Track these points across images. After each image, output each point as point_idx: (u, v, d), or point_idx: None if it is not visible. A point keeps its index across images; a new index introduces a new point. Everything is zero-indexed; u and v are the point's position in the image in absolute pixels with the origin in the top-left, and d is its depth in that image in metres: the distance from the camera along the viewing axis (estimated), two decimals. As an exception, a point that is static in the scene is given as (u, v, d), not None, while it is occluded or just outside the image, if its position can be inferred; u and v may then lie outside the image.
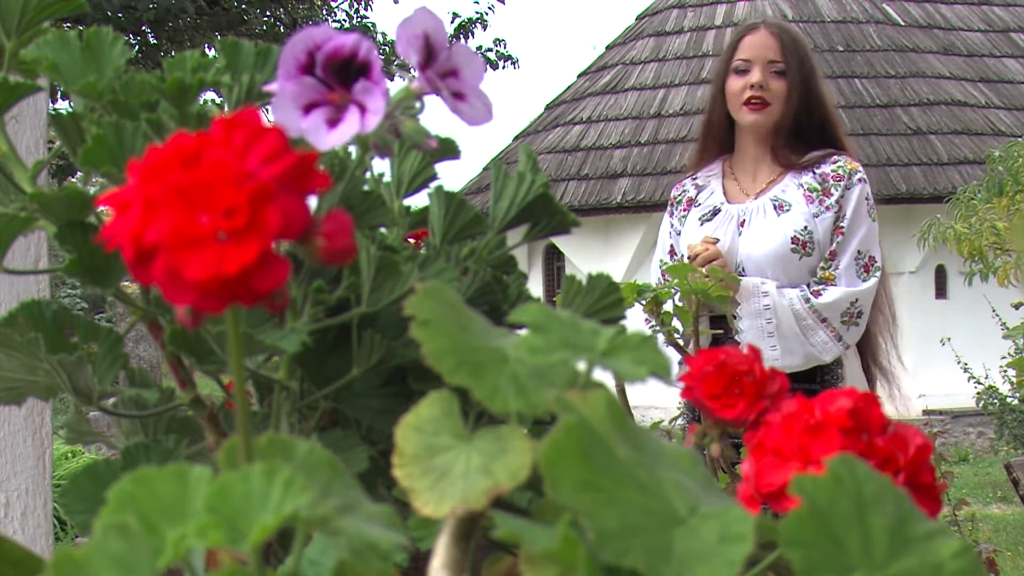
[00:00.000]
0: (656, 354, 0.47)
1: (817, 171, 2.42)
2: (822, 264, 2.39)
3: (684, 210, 2.50)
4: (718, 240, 2.38)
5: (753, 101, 2.39)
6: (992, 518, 7.02)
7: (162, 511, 0.39)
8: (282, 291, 0.43)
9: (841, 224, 2.39)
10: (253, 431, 0.45)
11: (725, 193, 2.48)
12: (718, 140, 2.52)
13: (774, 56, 2.41)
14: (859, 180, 2.42)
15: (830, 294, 2.37)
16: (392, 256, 0.59)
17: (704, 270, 2.21)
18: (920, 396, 10.47)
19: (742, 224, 2.41)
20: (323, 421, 0.63)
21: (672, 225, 2.53)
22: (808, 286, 2.38)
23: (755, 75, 2.39)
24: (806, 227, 2.37)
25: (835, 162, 2.43)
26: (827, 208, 2.39)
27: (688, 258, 2.35)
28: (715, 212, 2.44)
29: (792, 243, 2.37)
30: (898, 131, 11.07)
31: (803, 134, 2.45)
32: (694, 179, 2.53)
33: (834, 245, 2.39)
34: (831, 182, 2.40)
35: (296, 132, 0.54)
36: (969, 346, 9.22)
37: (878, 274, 2.43)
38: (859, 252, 2.41)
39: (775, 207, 2.40)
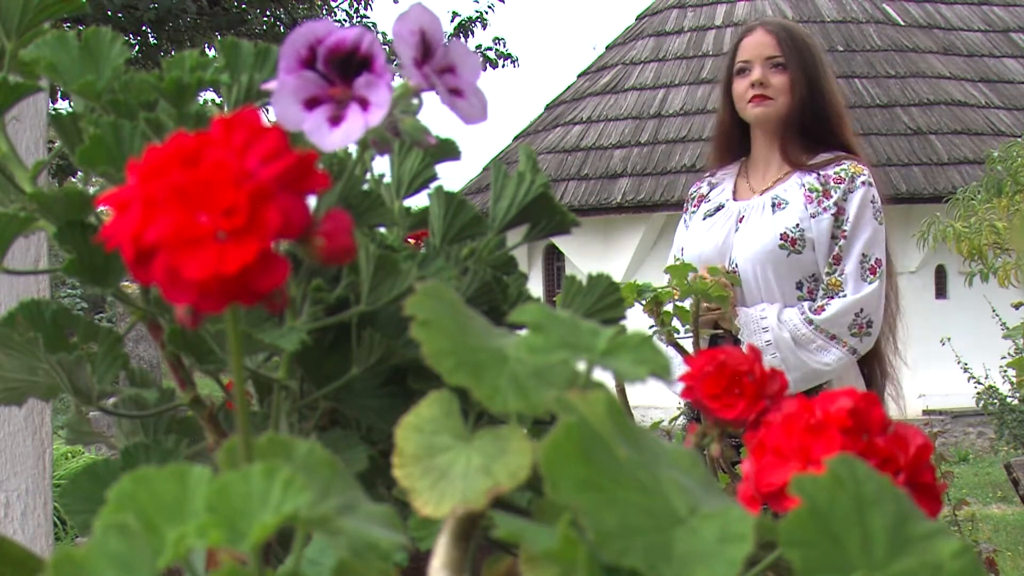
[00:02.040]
0: (656, 354, 0.47)
1: (822, 173, 2.43)
2: (827, 269, 2.39)
3: (695, 206, 2.56)
4: (735, 272, 2.38)
5: (756, 97, 2.44)
6: (992, 518, 7.02)
7: (162, 511, 0.39)
8: (282, 291, 0.43)
9: (844, 228, 2.38)
10: (253, 431, 0.45)
11: (735, 190, 2.51)
12: (731, 142, 2.56)
13: (771, 52, 2.45)
14: (863, 183, 2.40)
15: (831, 308, 2.36)
16: (391, 255, 0.59)
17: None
18: (920, 396, 10.48)
19: (740, 220, 2.43)
20: (323, 421, 0.63)
21: (684, 221, 2.58)
22: (808, 305, 2.38)
23: (755, 73, 2.44)
24: (798, 224, 2.37)
25: (839, 165, 2.43)
26: (824, 209, 2.38)
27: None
28: (719, 209, 2.49)
29: (780, 239, 2.36)
30: (898, 131, 11.07)
31: (811, 131, 2.46)
32: (711, 177, 2.59)
33: (837, 249, 2.38)
34: (832, 184, 2.40)
35: (296, 126, 0.54)
36: (969, 346, 9.22)
37: (882, 277, 2.41)
38: (864, 255, 2.39)
39: (773, 205, 2.42)
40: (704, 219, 2.49)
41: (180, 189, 0.40)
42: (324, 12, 12.77)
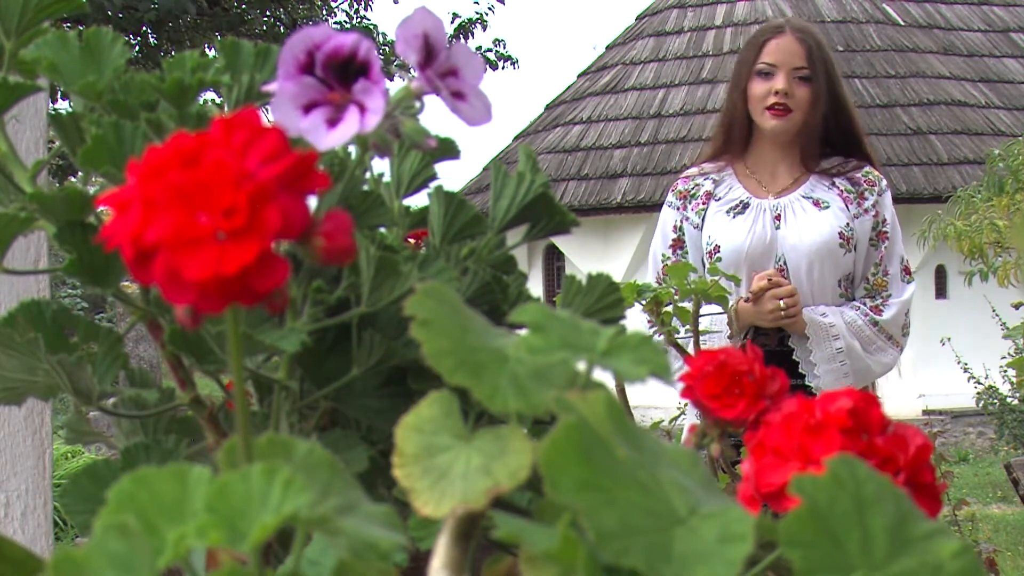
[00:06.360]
0: (656, 354, 0.47)
1: (850, 176, 2.44)
2: (872, 270, 2.43)
3: (702, 203, 2.46)
4: (782, 270, 2.37)
5: (776, 107, 2.37)
6: (992, 518, 7.02)
7: (162, 511, 0.39)
8: (282, 291, 0.43)
9: (885, 230, 2.44)
10: (253, 431, 0.45)
11: (746, 189, 2.46)
12: (739, 136, 2.47)
13: (800, 62, 2.37)
14: (887, 187, 2.47)
15: (891, 309, 2.41)
16: (392, 256, 0.59)
17: (779, 303, 2.24)
18: (920, 396, 10.48)
19: (777, 218, 2.40)
20: (323, 421, 0.63)
21: (686, 219, 2.47)
22: (863, 304, 2.41)
23: (780, 81, 2.36)
24: (848, 224, 2.40)
25: (862, 168, 2.45)
26: (865, 211, 2.42)
27: (752, 291, 2.31)
28: (745, 206, 2.42)
29: (839, 237, 2.38)
30: (898, 131, 11.07)
31: (836, 142, 2.46)
32: (703, 174, 2.49)
33: (883, 251, 2.43)
34: (864, 186, 2.43)
35: (295, 132, 0.54)
36: (969, 346, 9.22)
37: (914, 279, 2.51)
38: (901, 257, 2.47)
39: (812, 203, 2.41)
40: (733, 216, 2.41)
41: (180, 189, 0.40)
42: (324, 12, 12.77)
